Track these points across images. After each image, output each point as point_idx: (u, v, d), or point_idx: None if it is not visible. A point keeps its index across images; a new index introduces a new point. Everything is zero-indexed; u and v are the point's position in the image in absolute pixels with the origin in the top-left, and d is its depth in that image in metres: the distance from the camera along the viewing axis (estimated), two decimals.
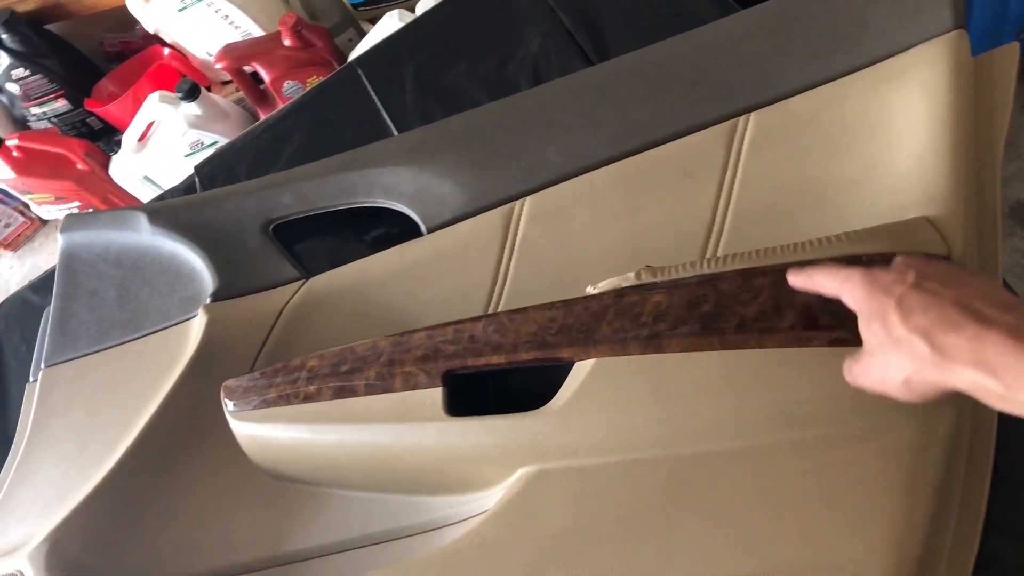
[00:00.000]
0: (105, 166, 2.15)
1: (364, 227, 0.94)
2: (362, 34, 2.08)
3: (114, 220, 1.01)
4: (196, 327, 0.88)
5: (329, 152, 0.95)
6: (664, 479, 0.62)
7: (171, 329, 0.92)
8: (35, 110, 2.22)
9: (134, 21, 2.15)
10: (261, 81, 2.00)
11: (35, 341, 1.04)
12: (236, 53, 1.89)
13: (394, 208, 0.90)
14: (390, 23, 1.81)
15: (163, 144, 2.03)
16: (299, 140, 1.04)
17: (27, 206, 2.44)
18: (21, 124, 2.31)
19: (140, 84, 2.06)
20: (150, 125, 2.04)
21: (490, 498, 0.71)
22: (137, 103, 2.06)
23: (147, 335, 0.94)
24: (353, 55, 1.90)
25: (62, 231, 1.02)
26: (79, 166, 2.11)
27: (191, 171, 1.09)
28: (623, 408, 0.64)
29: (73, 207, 2.23)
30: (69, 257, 1.02)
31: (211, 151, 1.75)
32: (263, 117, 2.05)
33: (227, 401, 0.81)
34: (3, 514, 0.90)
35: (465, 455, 0.70)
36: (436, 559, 0.67)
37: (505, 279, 0.83)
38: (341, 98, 1.04)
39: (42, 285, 1.09)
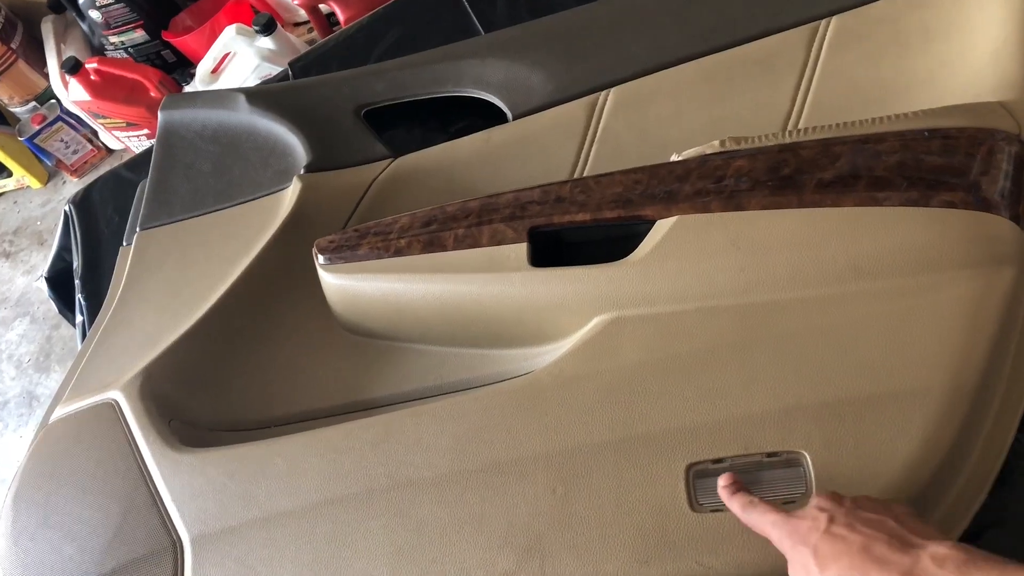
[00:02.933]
0: None
1: (449, 118, 1.00)
2: None
3: (213, 100, 1.07)
4: (290, 194, 0.94)
5: (421, 51, 1.01)
6: (738, 323, 0.67)
7: (265, 198, 0.98)
8: (113, 39, 2.30)
9: None
10: (335, 23, 2.06)
11: (127, 213, 1.10)
12: None
13: (482, 97, 0.95)
14: None
15: (235, 76, 2.10)
16: (390, 41, 1.09)
17: (95, 134, 2.52)
18: (99, 52, 2.40)
19: (217, 17, 2.13)
20: (224, 57, 2.12)
21: (561, 350, 0.76)
22: (213, 36, 2.13)
23: (240, 203, 1.00)
24: None
25: (162, 109, 1.08)
26: (152, 94, 2.19)
27: None
28: (702, 260, 0.69)
29: (142, 134, 2.30)
30: (167, 133, 1.08)
31: None
32: None
33: (319, 255, 0.86)
34: (97, 357, 0.96)
35: (545, 303, 0.75)
36: (514, 388, 0.72)
37: (586, 163, 0.88)
38: (433, 4, 1.10)
39: (136, 163, 1.16)
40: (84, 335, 1.07)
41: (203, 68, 2.13)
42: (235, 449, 0.79)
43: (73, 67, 2.14)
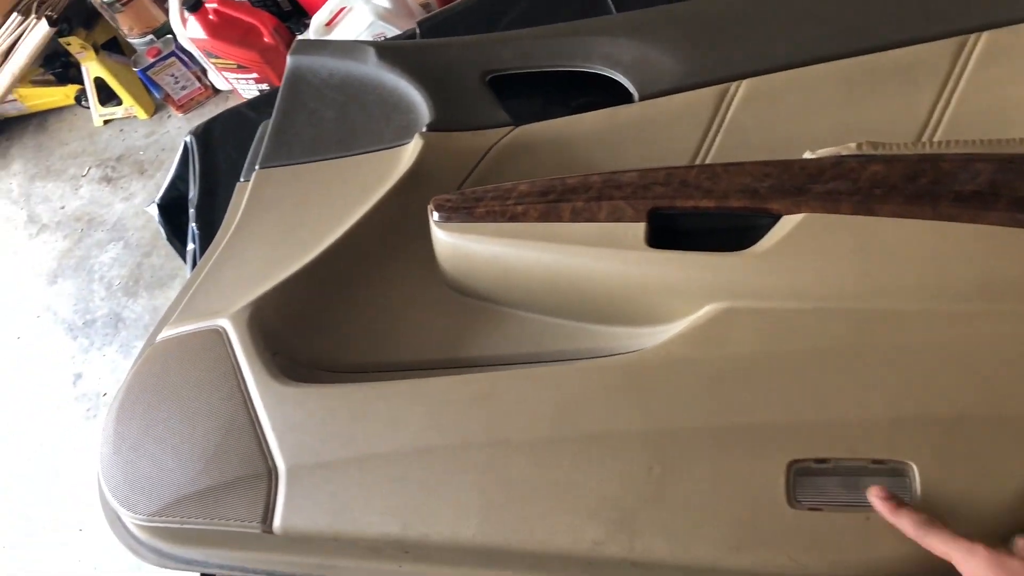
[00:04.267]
0: (288, 45, 2.27)
1: (571, 93, 1.00)
2: None
3: (343, 50, 1.09)
4: (410, 150, 0.96)
5: (550, 22, 1.01)
6: (856, 328, 0.66)
7: (385, 152, 1.00)
8: None
9: None
10: None
11: (246, 150, 1.13)
12: None
13: (609, 75, 0.96)
14: None
15: (348, 31, 2.13)
16: (518, 11, 1.10)
17: (204, 72, 2.59)
18: None
19: None
20: (340, 11, 2.15)
21: (666, 334, 0.77)
22: None
23: (360, 154, 1.02)
24: None
25: (292, 53, 1.11)
26: (266, 39, 2.24)
27: None
28: (826, 260, 0.68)
29: (251, 78, 2.36)
30: (295, 77, 1.11)
31: None
32: None
33: (435, 212, 0.88)
34: (207, 285, 0.99)
35: (658, 285, 0.75)
36: (620, 364, 0.73)
37: (708, 153, 0.88)
38: None
39: (258, 104, 1.19)
40: (195, 263, 1.11)
41: (318, 19, 2.16)
42: (338, 388, 0.81)
43: (194, 5, 2.20)
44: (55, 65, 2.78)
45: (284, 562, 0.79)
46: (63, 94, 2.87)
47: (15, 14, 2.49)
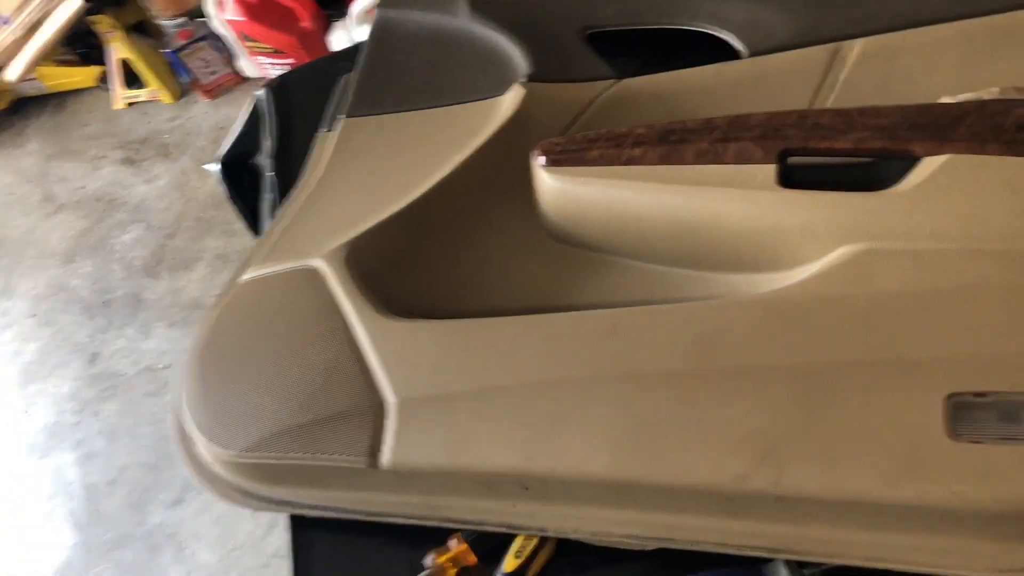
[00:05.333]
0: (325, 31, 2.26)
1: (672, 52, 0.99)
2: None
3: (434, 3, 1.08)
4: (509, 100, 0.94)
5: None
6: (1006, 268, 0.65)
7: (480, 102, 0.98)
8: None
9: None
10: None
11: (322, 103, 1.11)
12: None
13: (716, 33, 0.95)
14: None
15: None
16: None
17: (234, 58, 2.57)
18: None
19: None
20: None
21: (795, 278, 0.75)
22: None
23: (453, 104, 1.00)
24: None
25: (380, 6, 1.10)
26: (304, 24, 2.23)
27: None
28: (973, 200, 0.67)
29: (287, 63, 2.34)
30: (382, 29, 1.09)
31: None
32: None
33: (542, 156, 0.86)
34: (295, 228, 0.97)
35: (791, 225, 0.74)
36: (760, 299, 0.71)
37: None
38: None
39: (335, 58, 1.18)
40: (273, 210, 1.08)
41: (360, 5, 2.16)
42: (450, 323, 0.79)
43: None
44: (79, 45, 2.75)
45: (387, 501, 0.77)
46: (86, 75, 2.84)
47: None
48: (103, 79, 2.81)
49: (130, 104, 2.79)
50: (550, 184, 0.86)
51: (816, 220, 0.72)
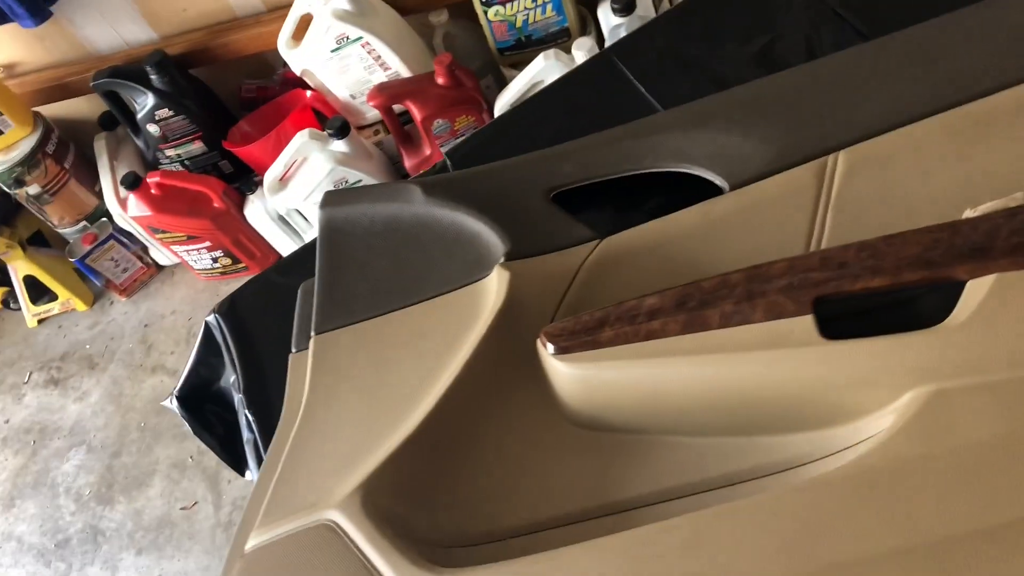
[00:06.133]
0: (239, 207, 2.18)
1: (645, 195, 0.95)
2: (501, 81, 2.14)
3: (380, 194, 1.02)
4: (494, 284, 0.88)
5: (589, 134, 0.97)
6: None
7: (459, 291, 0.92)
8: (170, 152, 2.27)
9: (272, 67, 2.23)
10: (407, 122, 2.04)
11: (283, 318, 1.03)
12: (390, 91, 1.94)
13: (686, 171, 0.91)
14: (543, 63, 1.85)
15: (306, 181, 2.07)
16: (554, 125, 1.05)
17: (145, 250, 2.47)
18: (152, 166, 2.36)
19: (283, 126, 2.11)
20: (292, 164, 2.09)
21: (858, 430, 0.69)
22: (278, 144, 2.10)
23: (431, 299, 0.93)
24: (498, 102, 1.96)
25: (322, 206, 1.03)
26: (216, 204, 2.15)
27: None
28: None
29: (203, 247, 2.25)
30: (331, 231, 1.02)
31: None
32: (406, 159, 2.10)
33: (549, 344, 0.79)
34: (291, 476, 0.87)
35: (846, 379, 0.68)
36: (842, 476, 0.64)
37: (822, 232, 0.83)
38: (597, 83, 1.06)
39: (285, 267, 1.10)
40: (256, 452, 0.98)
41: (272, 175, 2.09)
42: (505, 565, 0.70)
43: (133, 182, 2.10)
44: None
45: None
46: None
47: None
48: (9, 299, 2.66)
49: (41, 321, 2.64)
50: (566, 373, 0.79)
51: (872, 370, 0.67)
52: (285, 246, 2.27)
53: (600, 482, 0.79)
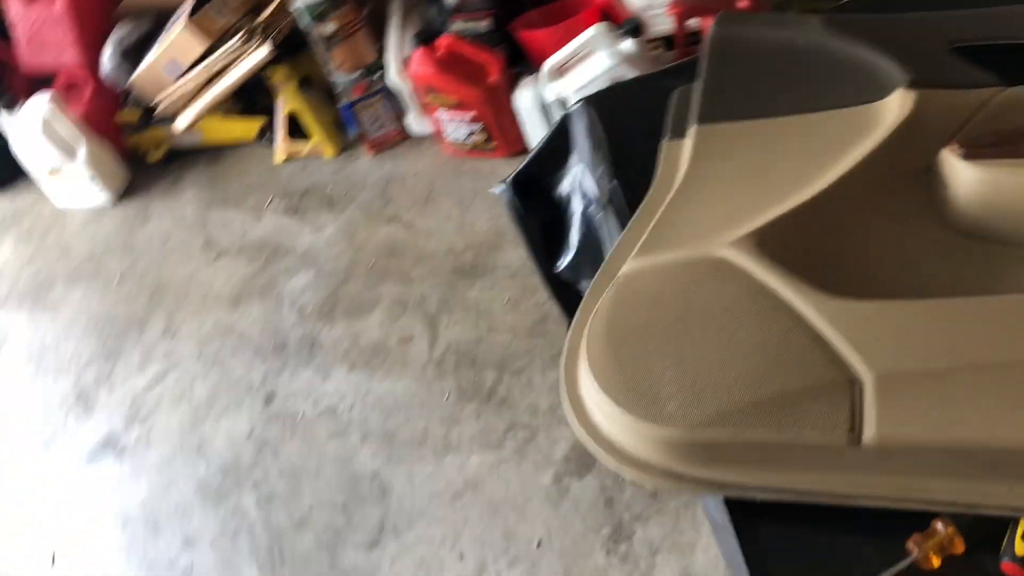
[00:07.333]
0: (510, 88, 2.32)
1: None
2: None
3: (778, 21, 1.10)
4: (896, 104, 0.95)
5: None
6: None
7: (856, 108, 0.99)
8: (458, 25, 2.42)
9: None
10: (695, 42, 2.13)
11: (649, 115, 1.13)
12: (693, 3, 2.02)
13: None
14: None
15: (585, 73, 2.18)
16: None
17: (402, 116, 2.63)
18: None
19: (576, 19, 2.23)
20: (576, 56, 2.20)
21: None
22: (566, 35, 2.22)
23: (822, 111, 1.01)
24: None
25: (717, 24, 1.12)
26: (494, 77, 2.28)
27: None
28: None
29: (468, 117, 2.39)
30: (722, 43, 1.11)
31: None
32: None
33: (961, 149, 0.86)
34: (670, 224, 0.97)
35: None
36: None
37: None
38: None
39: (660, 75, 1.20)
40: (621, 220, 1.08)
41: (554, 61, 2.21)
42: (913, 303, 0.78)
43: (427, 38, 2.26)
44: (244, 96, 2.84)
45: (861, 482, 0.74)
46: (247, 128, 2.92)
47: (237, 36, 2.55)
48: (262, 133, 2.89)
49: (287, 159, 2.86)
50: (973, 176, 0.85)
51: None
52: (537, 136, 2.40)
53: (973, 280, 0.85)
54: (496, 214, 2.28)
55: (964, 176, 0.86)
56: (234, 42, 2.55)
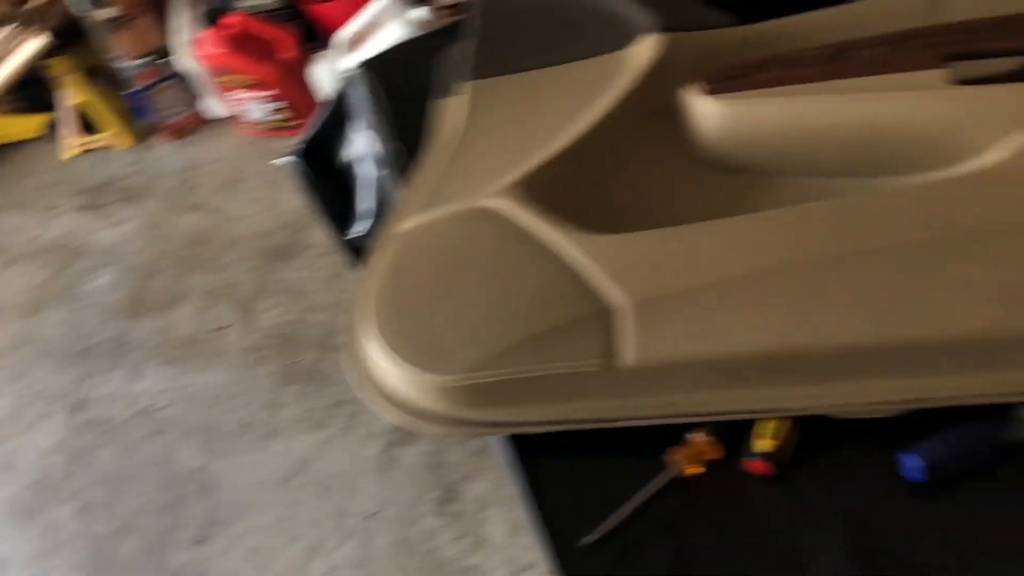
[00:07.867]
0: (305, 64, 2.27)
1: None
2: None
3: None
4: (645, 49, 1.00)
5: None
6: None
7: (612, 55, 1.03)
8: (247, 2, 2.35)
9: None
10: None
11: (424, 76, 1.14)
12: None
13: None
14: None
15: (381, 44, 2.16)
16: None
17: (196, 99, 2.53)
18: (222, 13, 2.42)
19: None
20: (367, 28, 2.18)
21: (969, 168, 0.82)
22: (355, 6, 2.19)
23: (583, 59, 1.05)
24: None
25: None
26: (287, 55, 2.23)
27: None
28: None
29: (268, 95, 2.33)
30: (492, 2, 1.14)
31: None
32: None
33: (706, 84, 0.91)
34: (450, 178, 0.99)
35: (965, 119, 0.81)
36: (974, 178, 0.77)
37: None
38: None
39: (433, 34, 1.21)
40: (398, 177, 1.09)
41: (344, 35, 2.18)
42: (660, 231, 0.82)
43: (215, 17, 2.17)
44: (26, 91, 2.64)
45: (623, 405, 0.78)
46: (32, 124, 2.72)
47: (9, 27, 2.37)
48: (50, 128, 2.71)
49: (80, 153, 2.69)
50: (715, 111, 0.91)
51: (990, 111, 0.80)
52: None
53: (727, 209, 0.90)
54: None
55: (707, 111, 0.92)
56: (5, 32, 2.37)
